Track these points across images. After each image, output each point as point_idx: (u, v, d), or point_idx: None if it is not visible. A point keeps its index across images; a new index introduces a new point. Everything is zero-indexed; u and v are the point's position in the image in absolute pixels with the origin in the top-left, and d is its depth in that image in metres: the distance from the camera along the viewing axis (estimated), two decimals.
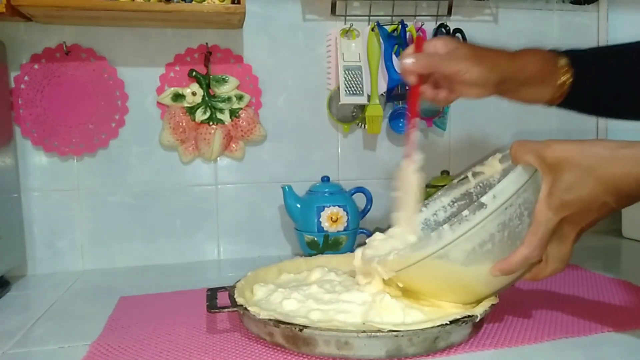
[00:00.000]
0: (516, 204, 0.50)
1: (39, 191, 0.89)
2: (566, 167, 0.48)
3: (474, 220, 0.48)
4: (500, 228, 0.49)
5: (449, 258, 0.50)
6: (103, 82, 0.89)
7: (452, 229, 0.49)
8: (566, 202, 0.48)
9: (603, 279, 0.75)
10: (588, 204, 0.48)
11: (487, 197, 0.48)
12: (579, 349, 0.51)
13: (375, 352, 0.48)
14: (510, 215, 0.50)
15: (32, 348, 0.56)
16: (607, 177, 0.46)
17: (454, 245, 0.49)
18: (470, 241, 0.49)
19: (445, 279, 0.52)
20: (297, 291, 0.59)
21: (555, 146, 0.50)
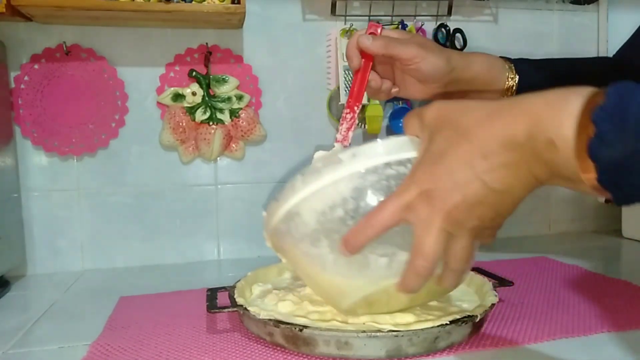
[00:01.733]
0: (383, 174, 0.43)
1: (39, 191, 0.89)
2: (442, 129, 0.41)
3: (324, 174, 0.44)
4: (355, 195, 0.43)
5: (302, 219, 0.46)
6: (103, 82, 0.89)
7: (304, 180, 0.45)
8: (433, 173, 0.39)
9: (603, 279, 0.75)
10: (453, 175, 0.38)
11: (346, 153, 0.44)
12: (579, 349, 0.51)
13: (375, 352, 0.48)
14: (371, 183, 0.43)
15: (32, 348, 0.56)
16: (476, 140, 0.38)
17: (305, 201, 0.45)
18: (321, 200, 0.44)
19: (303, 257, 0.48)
20: (292, 292, 0.59)
21: (438, 104, 0.43)
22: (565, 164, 0.34)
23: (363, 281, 0.46)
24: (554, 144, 0.34)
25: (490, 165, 0.37)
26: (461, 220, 0.39)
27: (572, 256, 0.89)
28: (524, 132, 0.35)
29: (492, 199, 0.38)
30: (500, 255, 0.92)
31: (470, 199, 0.38)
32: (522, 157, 0.36)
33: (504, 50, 1.04)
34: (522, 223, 1.11)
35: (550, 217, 1.13)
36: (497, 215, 0.40)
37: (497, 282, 0.63)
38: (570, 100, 0.33)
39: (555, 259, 0.88)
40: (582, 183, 0.34)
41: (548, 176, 0.36)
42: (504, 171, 0.37)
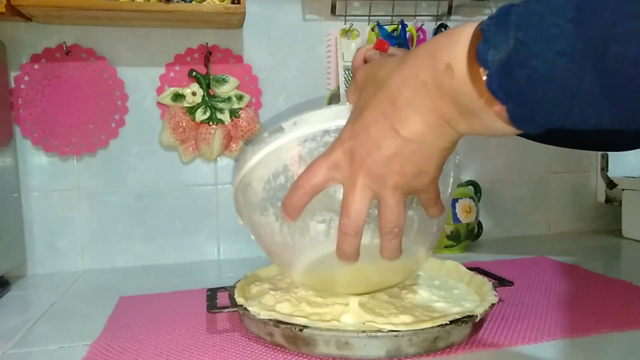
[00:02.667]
0: (322, 141, 0.44)
1: (39, 191, 0.89)
2: (366, 86, 0.41)
3: (269, 142, 0.45)
4: (295, 161, 0.44)
5: (253, 188, 0.47)
6: (103, 82, 0.89)
7: (252, 149, 0.46)
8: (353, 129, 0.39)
9: (603, 279, 0.75)
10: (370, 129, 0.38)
11: (289, 122, 0.44)
12: (580, 349, 0.51)
13: (375, 352, 0.48)
14: (309, 150, 0.44)
15: (32, 348, 0.56)
16: (387, 88, 0.37)
17: (252, 170, 0.46)
18: (266, 168, 0.45)
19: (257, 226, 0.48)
20: (289, 293, 0.59)
21: (366, 65, 0.42)
22: (462, 87, 0.33)
23: (306, 248, 0.47)
24: (450, 67, 0.33)
25: (400, 111, 0.36)
26: (381, 175, 0.38)
27: (572, 256, 0.89)
28: (426, 68, 0.35)
29: (408, 150, 0.37)
30: (500, 255, 0.92)
31: (386, 151, 0.37)
32: (428, 96, 0.35)
33: None
34: (522, 223, 1.11)
35: (550, 217, 1.13)
36: (420, 171, 0.38)
37: (497, 282, 0.63)
38: (466, 25, 0.33)
39: (555, 259, 0.88)
40: (482, 110, 0.32)
41: (456, 115, 0.35)
42: (411, 115, 0.36)
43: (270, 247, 0.50)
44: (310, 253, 0.47)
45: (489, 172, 1.08)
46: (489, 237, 1.05)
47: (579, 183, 1.14)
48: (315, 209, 0.43)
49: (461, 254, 0.94)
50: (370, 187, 0.39)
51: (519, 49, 0.29)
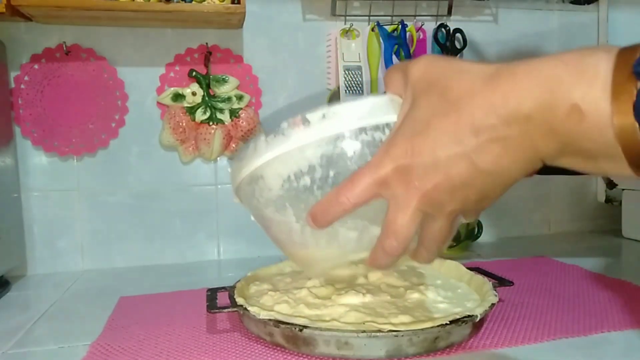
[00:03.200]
0: (359, 140, 0.38)
1: (39, 191, 0.89)
2: (429, 92, 0.34)
3: (290, 136, 0.39)
4: (323, 163, 0.38)
5: (266, 183, 0.41)
6: (103, 82, 0.89)
7: (267, 140, 0.40)
8: (412, 146, 0.34)
9: (603, 279, 0.75)
10: (436, 151, 0.33)
11: (315, 114, 0.38)
12: (580, 349, 0.51)
13: (375, 352, 0.48)
14: (342, 151, 0.38)
15: (32, 348, 0.56)
16: (468, 110, 0.31)
17: (268, 165, 0.41)
18: (285, 165, 0.40)
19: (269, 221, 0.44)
20: (288, 295, 0.59)
21: (427, 59, 0.36)
22: (591, 134, 0.28)
23: (331, 253, 0.43)
24: (579, 110, 0.28)
25: (482, 142, 0.31)
26: (441, 201, 0.34)
27: (572, 256, 0.89)
28: (534, 102, 0.29)
29: (480, 181, 0.33)
30: (500, 255, 0.92)
31: (454, 180, 0.33)
32: (527, 133, 0.30)
33: (504, 50, 1.04)
34: (522, 223, 1.11)
35: (550, 217, 1.13)
36: (484, 198, 0.34)
37: (497, 282, 0.63)
38: (598, 56, 0.28)
39: (555, 259, 0.88)
40: (607, 157, 0.28)
41: (557, 153, 0.30)
42: (498, 149, 0.31)
43: (285, 244, 0.46)
44: (337, 259, 0.44)
45: None
46: (489, 237, 1.05)
47: (579, 183, 1.14)
48: (347, 215, 0.39)
49: (461, 254, 0.94)
50: (424, 210, 0.35)
51: None
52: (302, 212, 0.40)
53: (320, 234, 0.41)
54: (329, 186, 0.38)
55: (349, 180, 0.37)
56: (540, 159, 0.31)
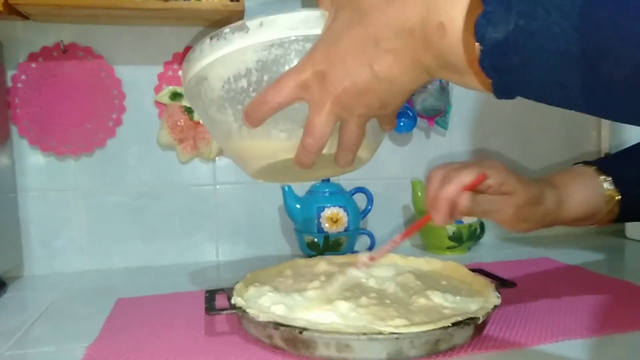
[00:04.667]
0: (290, 49, 0.42)
1: (36, 191, 0.88)
2: (345, 7, 0.39)
3: (231, 40, 0.43)
4: (259, 67, 0.43)
5: (210, 84, 0.46)
6: (100, 81, 0.88)
7: (211, 44, 0.45)
8: (328, 54, 0.39)
9: (606, 280, 0.74)
10: (346, 60, 0.38)
11: (254, 21, 0.43)
12: (582, 351, 0.50)
13: (376, 355, 0.48)
14: (275, 57, 0.42)
15: (29, 350, 0.56)
16: (372, 24, 0.37)
17: (211, 66, 0.45)
18: (226, 67, 0.44)
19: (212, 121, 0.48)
20: (286, 297, 0.58)
21: None
22: (452, 49, 0.33)
23: (263, 153, 0.47)
24: (443, 27, 0.33)
25: (380, 52, 0.37)
26: (349, 105, 0.40)
27: (574, 257, 0.88)
28: (417, 18, 0.35)
29: (379, 88, 0.38)
30: (502, 256, 0.91)
31: (359, 86, 0.38)
32: (411, 45, 0.36)
33: None
34: None
35: None
36: (383, 105, 0.40)
37: (500, 283, 0.62)
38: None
39: (557, 260, 0.87)
40: (466, 72, 0.34)
41: (436, 66, 0.36)
42: (390, 59, 0.37)
43: (226, 143, 0.49)
44: (269, 158, 0.47)
45: None
46: (491, 238, 1.04)
47: None
48: (278, 118, 0.43)
49: (463, 255, 0.94)
50: (337, 113, 0.40)
51: (518, 35, 0.30)
52: (239, 113, 0.44)
53: (255, 134, 0.45)
54: (262, 89, 0.42)
55: (275, 81, 0.41)
56: (425, 70, 0.37)
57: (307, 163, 0.44)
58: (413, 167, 1.03)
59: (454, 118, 1.04)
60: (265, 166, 0.48)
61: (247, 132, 0.45)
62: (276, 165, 0.48)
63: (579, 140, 1.14)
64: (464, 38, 0.32)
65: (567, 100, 0.32)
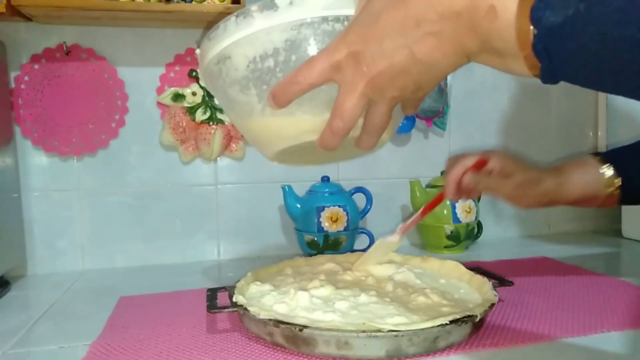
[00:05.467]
0: (319, 29, 0.41)
1: (39, 191, 0.89)
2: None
3: (259, 19, 0.42)
4: (287, 47, 0.42)
5: (233, 63, 0.44)
6: (103, 82, 0.89)
7: (237, 22, 0.43)
8: (364, 34, 0.38)
9: (603, 279, 0.75)
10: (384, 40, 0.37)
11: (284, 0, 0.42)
12: (579, 349, 0.51)
13: (375, 352, 0.48)
14: (304, 37, 0.42)
15: (32, 348, 0.56)
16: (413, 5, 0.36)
17: (236, 45, 0.44)
18: (252, 46, 0.43)
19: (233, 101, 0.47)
20: (287, 296, 0.59)
21: None
22: (502, 33, 0.33)
23: (286, 134, 0.46)
24: (494, 10, 0.33)
25: (421, 34, 0.35)
26: (383, 87, 0.38)
27: (572, 256, 0.89)
28: (465, 1, 0.34)
29: (416, 70, 0.37)
30: (501, 255, 0.92)
31: (396, 67, 0.37)
32: (456, 28, 0.35)
33: None
34: (522, 223, 1.11)
35: (550, 217, 1.13)
36: (418, 88, 0.39)
37: (497, 282, 0.63)
38: None
39: (555, 259, 0.88)
40: (511, 56, 0.33)
41: (478, 50, 0.35)
42: (433, 41, 0.36)
43: (246, 124, 0.48)
44: (292, 140, 0.46)
45: None
46: (488, 237, 1.05)
47: None
48: (303, 99, 0.42)
49: (461, 254, 0.94)
50: (369, 95, 0.39)
51: (576, 20, 0.29)
52: (264, 93, 0.43)
53: (278, 115, 0.44)
54: (289, 69, 0.41)
55: (307, 62, 0.40)
56: (466, 54, 0.36)
57: (332, 145, 0.42)
58: (412, 168, 1.04)
59: (452, 119, 1.05)
60: (286, 148, 0.47)
61: (270, 113, 0.44)
62: (296, 147, 0.47)
63: (577, 140, 1.15)
64: (517, 21, 0.32)
65: (619, 85, 0.31)
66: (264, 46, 0.42)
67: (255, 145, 0.51)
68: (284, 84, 0.41)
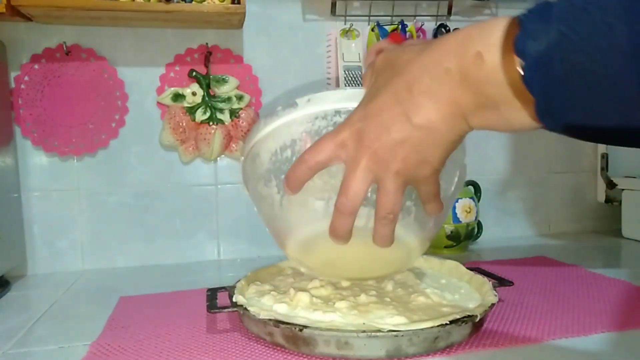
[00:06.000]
0: (332, 120, 0.45)
1: (39, 191, 0.89)
2: (384, 70, 0.41)
3: (281, 116, 0.46)
4: (302, 137, 0.46)
5: (260, 159, 0.48)
6: (103, 82, 0.89)
7: (265, 121, 0.48)
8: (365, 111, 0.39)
9: (603, 279, 0.75)
10: (383, 113, 0.38)
11: (303, 98, 0.46)
12: (579, 349, 0.51)
13: (375, 352, 0.48)
14: (319, 128, 0.45)
15: (32, 348, 0.56)
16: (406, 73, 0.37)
17: (262, 141, 0.48)
18: (275, 141, 0.47)
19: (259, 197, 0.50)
20: (287, 296, 0.59)
21: (386, 51, 0.42)
22: (492, 76, 0.33)
23: (302, 223, 0.48)
24: (481, 55, 0.33)
25: (414, 97, 0.36)
26: (385, 159, 0.38)
27: (572, 256, 0.89)
28: (452, 57, 0.34)
29: (416, 137, 0.37)
30: (500, 255, 0.92)
31: (395, 135, 0.37)
32: (447, 84, 0.35)
33: None
34: (522, 223, 1.11)
35: (550, 217, 1.13)
36: (423, 160, 0.38)
37: (497, 282, 0.63)
38: (500, 18, 0.33)
39: (555, 259, 0.88)
40: (505, 102, 0.33)
41: (473, 104, 0.35)
42: (427, 103, 0.36)
43: (270, 219, 0.51)
44: (306, 228, 0.48)
45: (489, 172, 1.08)
46: (488, 237, 1.05)
47: (579, 183, 1.14)
48: (316, 186, 0.44)
49: (461, 254, 0.94)
50: (373, 170, 0.39)
51: (561, 42, 0.29)
52: (282, 182, 0.46)
53: (293, 203, 0.46)
54: None
55: (314, 144, 0.42)
56: (462, 114, 0.36)
57: (342, 230, 0.42)
58: None
59: None
60: (304, 241, 0.49)
61: (287, 203, 0.47)
62: (316, 245, 0.48)
63: (576, 141, 1.14)
64: (503, 60, 0.32)
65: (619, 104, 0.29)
66: (283, 139, 0.46)
67: (279, 243, 0.53)
68: (294, 165, 0.43)
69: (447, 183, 0.49)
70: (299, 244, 0.50)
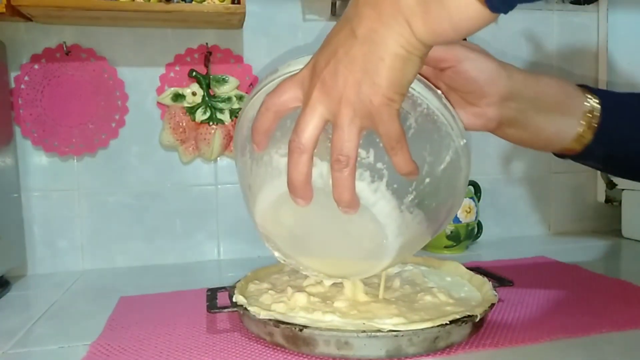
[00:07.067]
0: None
1: (39, 191, 0.89)
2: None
3: (263, 82, 0.46)
4: None
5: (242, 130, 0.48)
6: (103, 82, 0.89)
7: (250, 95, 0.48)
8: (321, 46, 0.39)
9: (603, 279, 0.75)
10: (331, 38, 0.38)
11: (284, 64, 0.45)
12: (579, 349, 0.51)
13: (375, 352, 0.48)
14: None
15: (32, 348, 0.56)
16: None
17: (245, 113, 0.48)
18: (254, 107, 0.45)
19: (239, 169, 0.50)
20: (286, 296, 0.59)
21: None
22: None
23: (266, 184, 0.46)
24: None
25: (358, 10, 0.34)
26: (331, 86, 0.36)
27: (572, 256, 0.89)
28: None
29: (360, 52, 0.34)
30: (500, 255, 0.92)
31: (340, 56, 0.35)
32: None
33: (504, 50, 1.04)
34: (522, 223, 1.11)
35: (550, 217, 1.13)
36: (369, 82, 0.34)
37: (497, 282, 0.63)
38: None
39: (555, 259, 0.88)
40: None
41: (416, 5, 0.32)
42: (368, 11, 0.34)
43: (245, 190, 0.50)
44: (269, 190, 0.46)
45: (489, 172, 1.08)
46: (488, 237, 1.05)
47: (579, 183, 1.14)
48: (278, 140, 0.42)
49: (461, 254, 0.94)
50: (323, 102, 0.36)
51: None
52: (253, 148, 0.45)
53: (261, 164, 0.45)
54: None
55: (275, 88, 0.41)
56: (407, 21, 0.33)
57: (299, 179, 0.38)
58: None
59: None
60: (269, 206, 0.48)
61: (256, 166, 0.46)
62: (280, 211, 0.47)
63: None
64: None
65: None
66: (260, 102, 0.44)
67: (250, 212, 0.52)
68: (257, 115, 0.42)
69: (433, 155, 0.45)
70: (264, 211, 0.48)
